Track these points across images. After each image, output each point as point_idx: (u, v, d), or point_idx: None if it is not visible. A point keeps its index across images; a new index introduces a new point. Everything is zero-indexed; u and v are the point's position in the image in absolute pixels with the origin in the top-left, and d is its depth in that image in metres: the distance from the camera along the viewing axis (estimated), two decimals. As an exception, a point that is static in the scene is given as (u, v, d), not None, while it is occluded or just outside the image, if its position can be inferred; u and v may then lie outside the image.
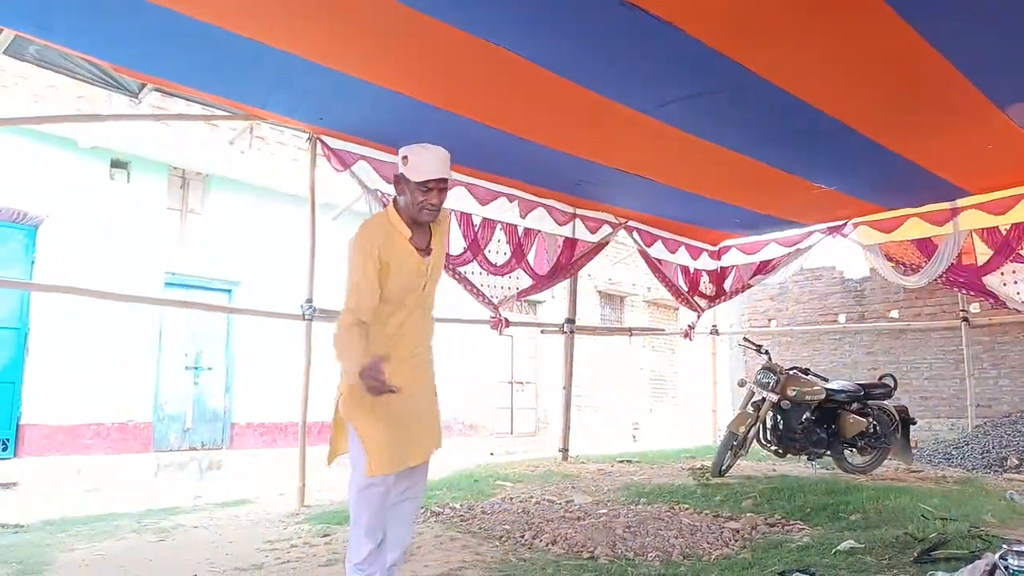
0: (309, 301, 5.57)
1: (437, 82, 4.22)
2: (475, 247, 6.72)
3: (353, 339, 2.60)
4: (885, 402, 6.82)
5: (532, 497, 5.45)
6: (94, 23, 3.78)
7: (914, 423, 6.95)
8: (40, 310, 8.48)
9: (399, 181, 2.70)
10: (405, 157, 2.67)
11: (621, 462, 8.01)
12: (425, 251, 2.78)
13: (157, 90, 4.97)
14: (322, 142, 5.44)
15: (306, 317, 5.57)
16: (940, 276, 7.48)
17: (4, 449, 8.29)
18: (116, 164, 9.27)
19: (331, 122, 5.21)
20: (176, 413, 9.71)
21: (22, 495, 7.73)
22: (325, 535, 4.29)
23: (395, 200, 2.79)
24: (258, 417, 10.36)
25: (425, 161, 2.66)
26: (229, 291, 10.27)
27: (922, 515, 4.25)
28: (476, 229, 6.73)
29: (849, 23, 3.63)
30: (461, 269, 6.73)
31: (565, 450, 8.15)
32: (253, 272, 10.21)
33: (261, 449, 10.24)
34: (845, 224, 7.86)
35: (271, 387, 10.18)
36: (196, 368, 9.98)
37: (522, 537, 4.08)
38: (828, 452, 6.65)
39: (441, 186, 2.69)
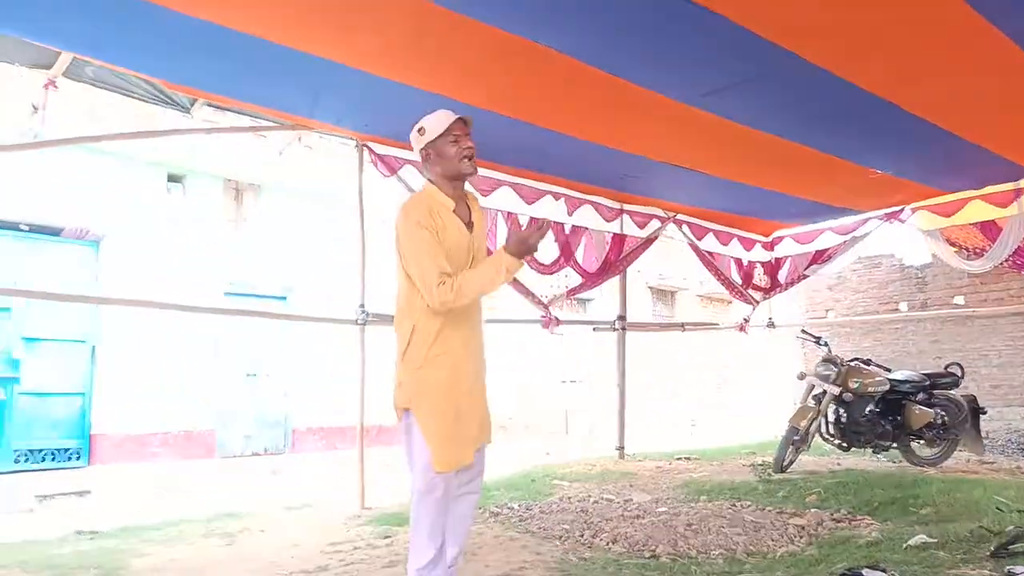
0: (362, 306, 5.64)
1: (477, 82, 4.23)
2: (524, 247, 6.71)
3: (464, 279, 2.59)
4: (952, 392, 6.60)
5: (590, 496, 5.42)
6: (144, 42, 3.88)
7: (984, 412, 6.71)
8: (106, 323, 8.78)
9: (427, 155, 2.72)
10: (420, 128, 2.72)
11: (679, 459, 7.92)
12: (468, 225, 2.77)
13: (208, 104, 5.11)
14: (369, 148, 5.51)
15: (359, 322, 5.64)
16: (1006, 260, 7.18)
17: (77, 458, 8.60)
18: (172, 178, 9.55)
19: (377, 128, 5.27)
20: (238, 420, 9.94)
21: (95, 502, 8.00)
22: (386, 536, 4.33)
23: (429, 181, 2.80)
24: (317, 421, 10.55)
25: (439, 117, 2.70)
26: (284, 298, 10.48)
27: (997, 507, 4.11)
28: (523, 228, 6.72)
29: (901, 1, 3.51)
30: (511, 269, 6.73)
31: (621, 448, 8.09)
32: (307, 278, 10.40)
33: (321, 452, 10.42)
34: (903, 209, 7.62)
35: (328, 392, 10.35)
36: (255, 375, 10.20)
37: (581, 536, 4.06)
38: (894, 445, 6.48)
39: (466, 130, 2.71)
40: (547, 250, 7.09)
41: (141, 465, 8.76)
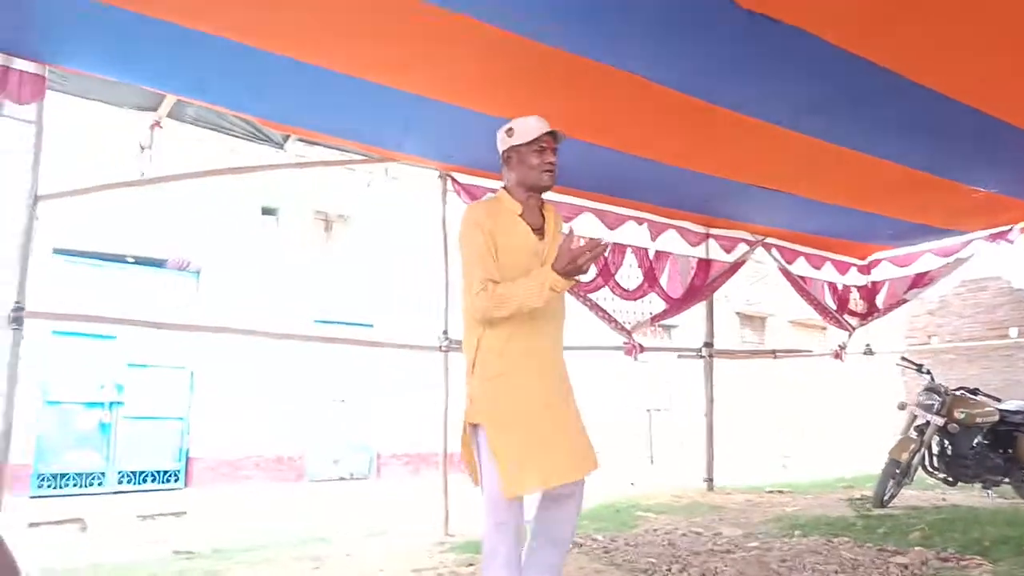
0: (445, 333, 5.71)
1: (559, 108, 4.25)
2: (606, 272, 6.68)
3: (505, 289, 2.47)
4: (1070, 422, 6.17)
5: (677, 529, 5.29)
6: (245, 83, 4.10)
7: (1105, 445, 6.23)
8: (204, 351, 9.19)
9: (508, 158, 2.67)
10: (509, 129, 2.65)
11: (771, 492, 7.65)
12: (539, 232, 2.66)
13: (300, 140, 5.33)
14: (452, 178, 5.62)
15: (442, 348, 5.72)
16: None
17: (175, 480, 8.98)
18: (266, 211, 9.98)
19: (459, 158, 5.37)
20: (325, 445, 10.19)
21: (191, 523, 8.32)
22: (470, 564, 4.33)
23: (503, 188, 2.73)
24: (402, 448, 10.71)
25: (530, 123, 2.63)
26: (371, 325, 10.75)
27: (1126, 550, 3.79)
28: (606, 255, 6.69)
29: (1002, 6, 3.35)
30: (592, 295, 6.70)
31: (710, 480, 7.88)
32: (392, 306, 10.64)
33: (406, 478, 10.55)
34: (1011, 229, 7.21)
35: (413, 418, 10.50)
36: (343, 401, 10.46)
37: (668, 570, 3.96)
38: (1006, 480, 6.09)
39: (553, 144, 2.65)
40: (630, 276, 7.03)
41: (235, 487, 9.07)
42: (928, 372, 6.40)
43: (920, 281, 8.16)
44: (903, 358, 7.21)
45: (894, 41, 3.64)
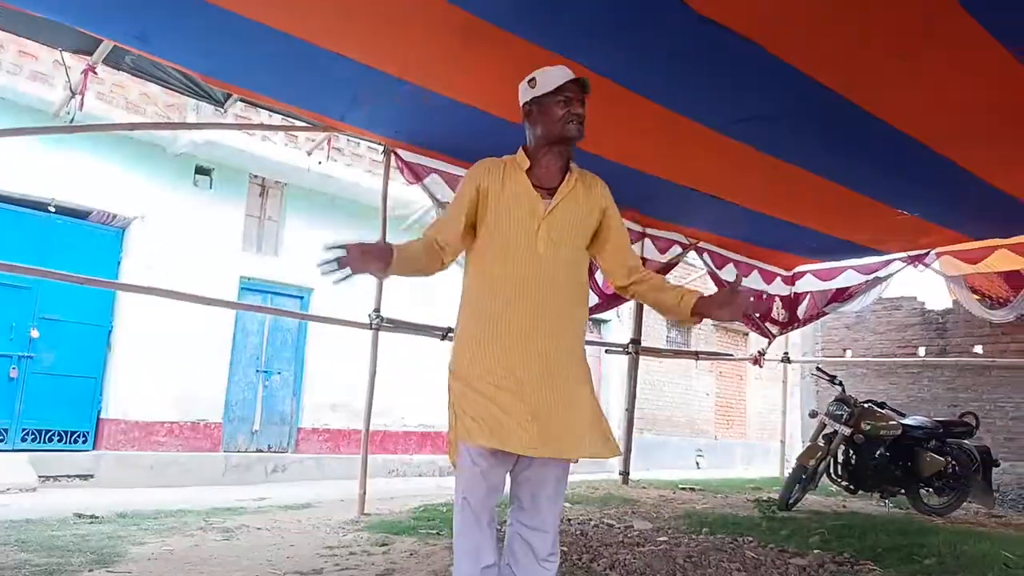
0: (376, 311, 5.65)
1: (505, 94, 4.25)
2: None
3: (414, 245, 2.33)
4: (966, 441, 6.51)
5: (591, 520, 5.37)
6: (187, 36, 3.94)
7: (997, 465, 6.60)
8: (124, 309, 8.86)
9: (529, 111, 2.40)
10: (532, 80, 2.39)
11: (684, 489, 7.84)
12: (548, 191, 2.36)
13: (242, 100, 5.16)
14: (396, 155, 5.54)
15: (373, 326, 5.65)
16: (1030, 311, 7.13)
17: (84, 441, 8.65)
18: (200, 171, 9.65)
19: (406, 135, 5.29)
20: (245, 415, 9.98)
21: (98, 487, 8.05)
22: (383, 544, 4.31)
23: (526, 148, 2.44)
24: (323, 423, 10.56)
25: (555, 72, 2.36)
26: (302, 298, 10.54)
27: (1004, 563, 4.02)
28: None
29: (938, 44, 3.50)
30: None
31: (626, 473, 8.03)
32: (326, 279, 10.44)
33: (324, 455, 10.42)
34: (928, 253, 7.55)
35: (337, 394, 10.37)
36: (266, 372, 10.24)
37: (579, 560, 4.02)
38: (903, 491, 6.38)
39: (580, 95, 2.36)
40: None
41: (146, 454, 8.80)
42: (840, 384, 6.64)
43: (840, 296, 8.47)
44: (818, 368, 7.47)
45: (837, 63, 3.75)
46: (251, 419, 10.02)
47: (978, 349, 9.65)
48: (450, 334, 5.75)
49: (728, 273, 8.30)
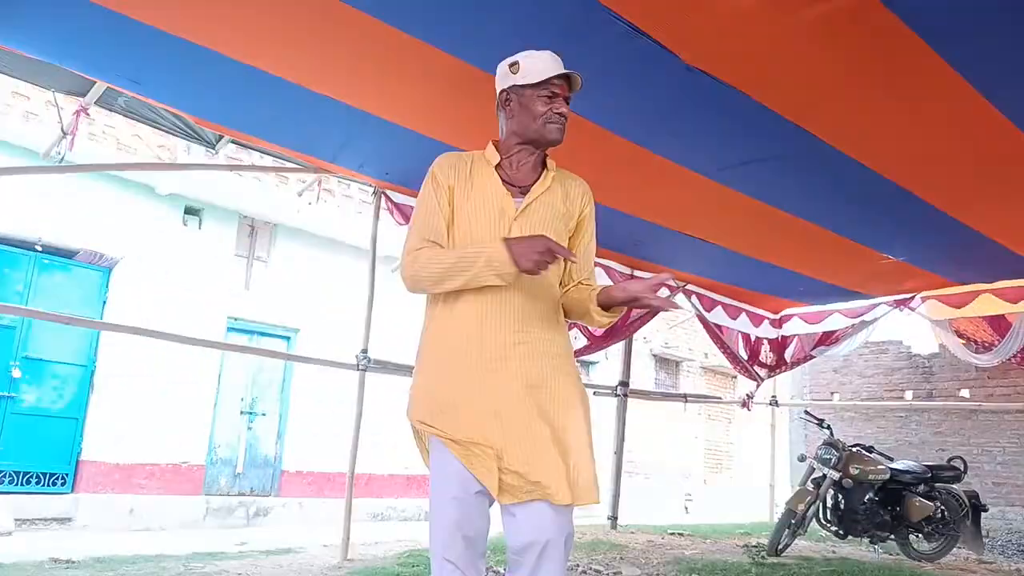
0: (364, 352, 5.62)
1: (494, 133, 4.31)
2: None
3: (438, 252, 1.99)
4: (954, 486, 6.49)
5: (578, 566, 5.29)
6: (181, 78, 3.99)
7: (985, 510, 6.58)
8: (108, 349, 8.77)
9: (507, 100, 2.10)
10: (514, 63, 2.08)
11: (672, 534, 7.76)
12: (519, 189, 2.09)
13: (233, 142, 5.20)
14: (386, 196, 5.57)
15: (360, 367, 5.61)
16: (1014, 356, 7.19)
17: (63, 484, 8.48)
18: (189, 211, 9.66)
19: (396, 177, 5.34)
20: (228, 457, 9.83)
21: (76, 531, 7.87)
22: (367, 590, 4.23)
23: (492, 141, 2.18)
24: (308, 465, 10.42)
25: (542, 60, 2.06)
26: (288, 338, 10.48)
27: (996, 611, 3.99)
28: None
29: (917, 90, 3.58)
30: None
31: (614, 518, 7.94)
32: (313, 321, 10.40)
33: (309, 498, 10.26)
34: (913, 297, 7.62)
35: (322, 436, 10.25)
36: (251, 413, 10.13)
37: (567, 606, 3.95)
38: (892, 536, 6.34)
39: (567, 91, 2.08)
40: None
41: (126, 496, 8.63)
42: (828, 427, 6.64)
43: (827, 339, 8.51)
44: (806, 412, 7.47)
45: (822, 110, 3.84)
46: (234, 461, 9.87)
47: (965, 393, 9.70)
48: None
49: (717, 316, 8.34)
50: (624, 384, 8.25)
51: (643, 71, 3.52)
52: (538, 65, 2.05)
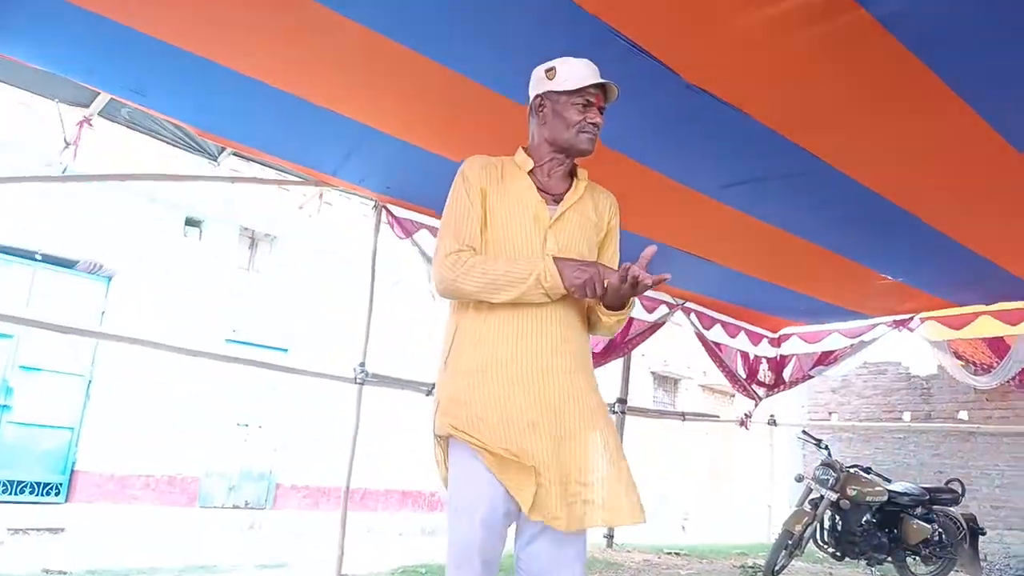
0: (362, 365, 5.61)
1: (501, 152, 4.32)
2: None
3: (480, 261, 1.92)
4: (952, 509, 6.46)
5: (575, 583, 5.25)
6: (185, 91, 4.01)
7: (983, 533, 6.54)
8: (105, 360, 8.76)
9: (540, 106, 2.08)
10: (551, 69, 2.05)
11: (669, 554, 7.71)
12: (553, 197, 2.07)
13: (235, 154, 5.22)
14: (387, 210, 5.58)
15: (358, 381, 5.60)
16: (1013, 378, 7.17)
17: (56, 494, 8.44)
18: (190, 222, 9.68)
19: (397, 191, 5.35)
20: (224, 470, 9.80)
21: (69, 541, 7.82)
22: (361, 606, 4.20)
23: (526, 147, 2.15)
24: (303, 479, 10.38)
25: (579, 67, 2.04)
26: (286, 350, 10.47)
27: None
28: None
29: (917, 111, 3.60)
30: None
31: (610, 536, 7.89)
32: (311, 333, 10.40)
33: (303, 511, 10.21)
34: (912, 318, 7.62)
35: (318, 450, 10.21)
36: (247, 426, 10.09)
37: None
38: (889, 559, 6.30)
39: (603, 101, 2.07)
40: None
41: (120, 507, 8.59)
42: (826, 448, 6.61)
43: (826, 359, 8.50)
44: (804, 432, 7.44)
45: (822, 130, 3.85)
46: (229, 474, 9.83)
47: (963, 415, 9.67)
48: (434, 389, 5.70)
49: (716, 334, 8.33)
50: (622, 401, 8.23)
51: (644, 89, 3.54)
52: (575, 72, 2.04)
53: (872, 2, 2.80)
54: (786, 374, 8.92)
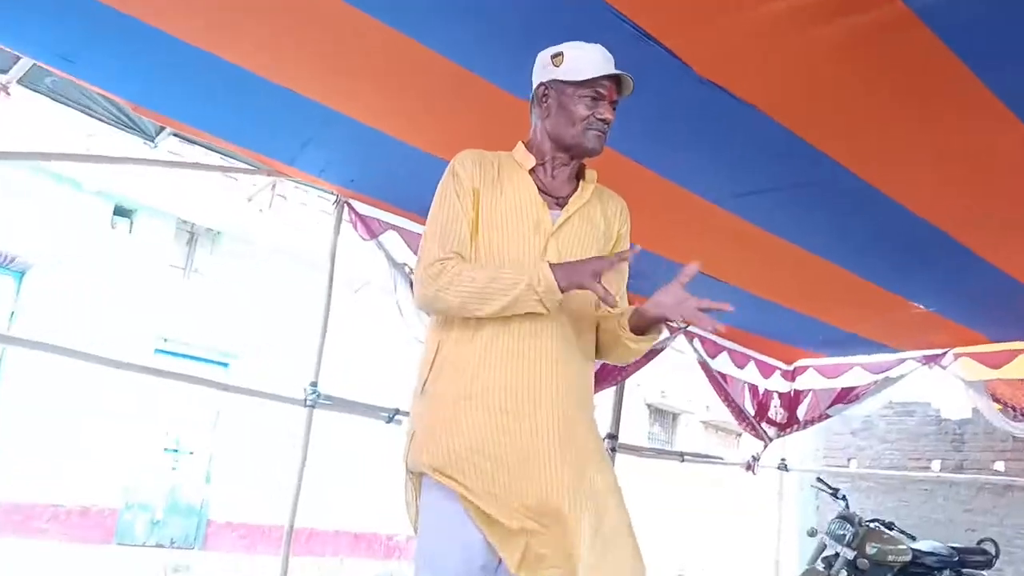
0: (314, 385, 5.58)
1: (488, 148, 4.34)
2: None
3: (469, 268, 1.92)
4: (984, 573, 6.53)
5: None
6: (121, 59, 3.99)
7: (1019, 601, 6.63)
8: (13, 367, 8.66)
9: (544, 96, 2.07)
10: (557, 55, 2.02)
11: (660, 613, 7.72)
12: (556, 200, 2.07)
13: (175, 135, 5.20)
14: (350, 206, 5.57)
15: (308, 403, 5.57)
16: (1057, 426, 7.27)
17: (-53, 525, 8.33)
18: (120, 212, 9.63)
19: (363, 185, 5.35)
20: (146, 502, 9.70)
21: (-40, 580, 7.71)
22: (302, 665, 4.17)
23: (527, 141, 2.15)
24: (239, 515, 10.31)
25: (591, 55, 2.02)
26: (226, 364, 10.40)
27: None
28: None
29: (955, 118, 3.65)
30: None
31: (594, 592, 7.87)
32: (256, 346, 10.36)
33: (238, 553, 10.12)
34: (945, 354, 7.68)
35: (259, 482, 10.14)
36: (176, 451, 10.01)
37: None
38: (912, 628, 6.35)
39: (614, 97, 2.05)
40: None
41: (23, 542, 8.47)
42: (844, 498, 6.66)
43: (846, 396, 8.54)
44: (819, 479, 7.50)
45: (846, 134, 3.90)
46: (153, 506, 9.73)
47: (999, 466, 9.78)
48: (397, 416, 5.69)
49: (722, 363, 8.36)
50: (613, 437, 8.23)
51: (650, 81, 3.57)
52: (585, 60, 2.01)
53: (909, -7, 2.85)
54: (800, 412, 8.96)
